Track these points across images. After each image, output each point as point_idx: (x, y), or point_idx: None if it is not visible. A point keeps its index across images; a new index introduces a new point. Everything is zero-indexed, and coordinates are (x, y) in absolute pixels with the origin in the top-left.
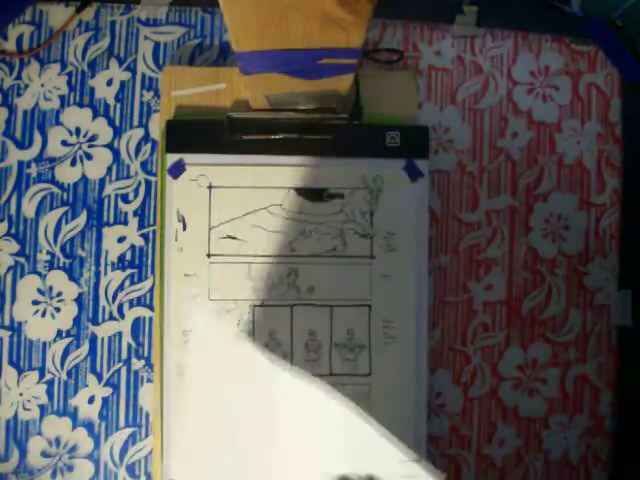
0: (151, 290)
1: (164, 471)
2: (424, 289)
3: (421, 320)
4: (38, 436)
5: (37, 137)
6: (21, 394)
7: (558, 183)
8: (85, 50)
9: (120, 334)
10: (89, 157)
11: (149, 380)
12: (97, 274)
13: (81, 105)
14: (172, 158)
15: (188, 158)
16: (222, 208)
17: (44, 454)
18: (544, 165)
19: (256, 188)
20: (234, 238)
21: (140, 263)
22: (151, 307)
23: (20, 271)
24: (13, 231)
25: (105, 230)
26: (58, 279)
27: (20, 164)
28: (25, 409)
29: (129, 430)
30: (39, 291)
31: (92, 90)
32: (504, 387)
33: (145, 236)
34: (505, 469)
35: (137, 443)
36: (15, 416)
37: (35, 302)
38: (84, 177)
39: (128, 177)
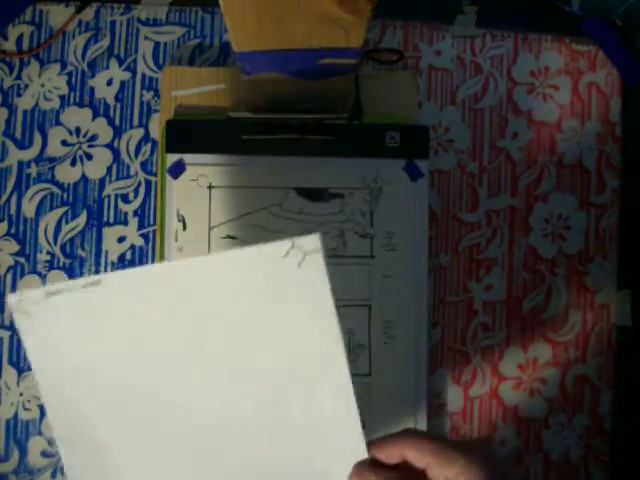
0: None
1: None
2: (424, 289)
3: (421, 320)
4: (38, 436)
5: (37, 137)
6: (21, 394)
7: (558, 183)
8: (85, 50)
9: None
10: (89, 157)
11: None
12: (97, 274)
13: (81, 105)
14: (172, 158)
15: (188, 158)
16: (222, 208)
17: (44, 454)
18: (544, 165)
19: (256, 188)
20: (234, 238)
21: (140, 263)
22: None
23: (20, 271)
24: (13, 231)
25: (105, 230)
26: (58, 279)
27: (20, 164)
28: (25, 409)
29: None
30: None
31: (92, 90)
32: (504, 387)
33: (145, 236)
34: None
35: None
36: (15, 416)
37: None
38: (84, 177)
39: (128, 177)
